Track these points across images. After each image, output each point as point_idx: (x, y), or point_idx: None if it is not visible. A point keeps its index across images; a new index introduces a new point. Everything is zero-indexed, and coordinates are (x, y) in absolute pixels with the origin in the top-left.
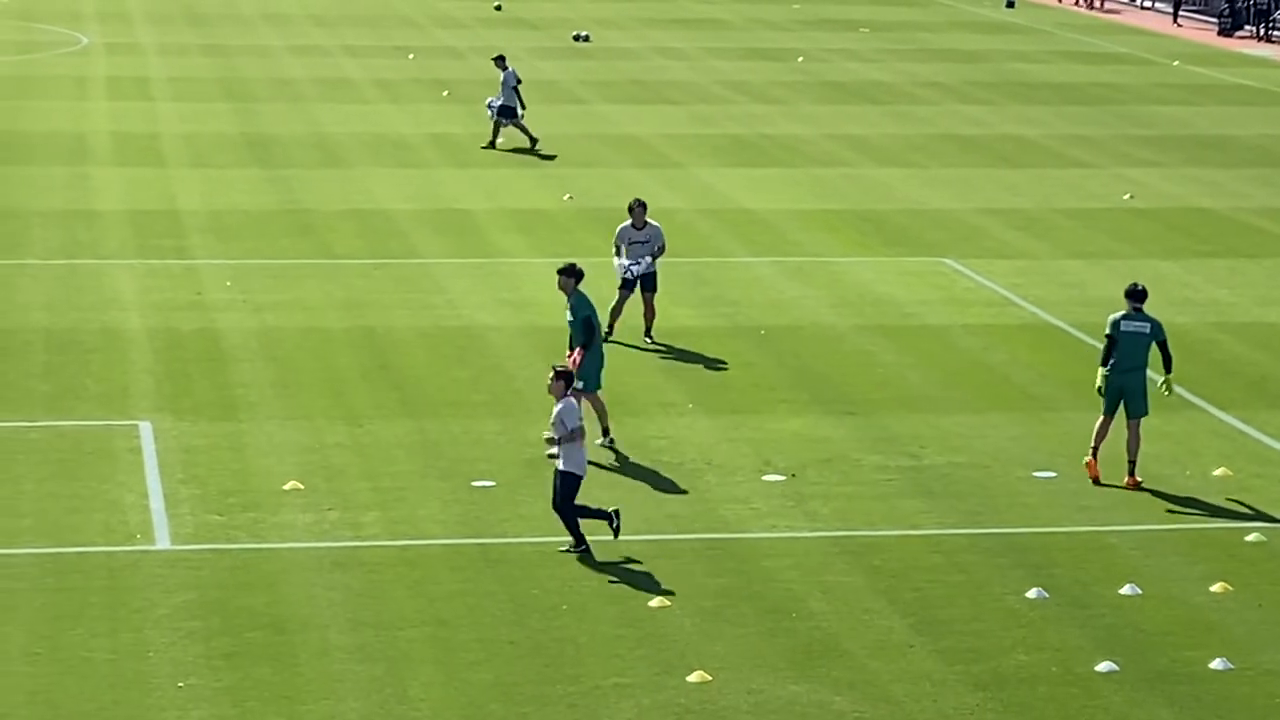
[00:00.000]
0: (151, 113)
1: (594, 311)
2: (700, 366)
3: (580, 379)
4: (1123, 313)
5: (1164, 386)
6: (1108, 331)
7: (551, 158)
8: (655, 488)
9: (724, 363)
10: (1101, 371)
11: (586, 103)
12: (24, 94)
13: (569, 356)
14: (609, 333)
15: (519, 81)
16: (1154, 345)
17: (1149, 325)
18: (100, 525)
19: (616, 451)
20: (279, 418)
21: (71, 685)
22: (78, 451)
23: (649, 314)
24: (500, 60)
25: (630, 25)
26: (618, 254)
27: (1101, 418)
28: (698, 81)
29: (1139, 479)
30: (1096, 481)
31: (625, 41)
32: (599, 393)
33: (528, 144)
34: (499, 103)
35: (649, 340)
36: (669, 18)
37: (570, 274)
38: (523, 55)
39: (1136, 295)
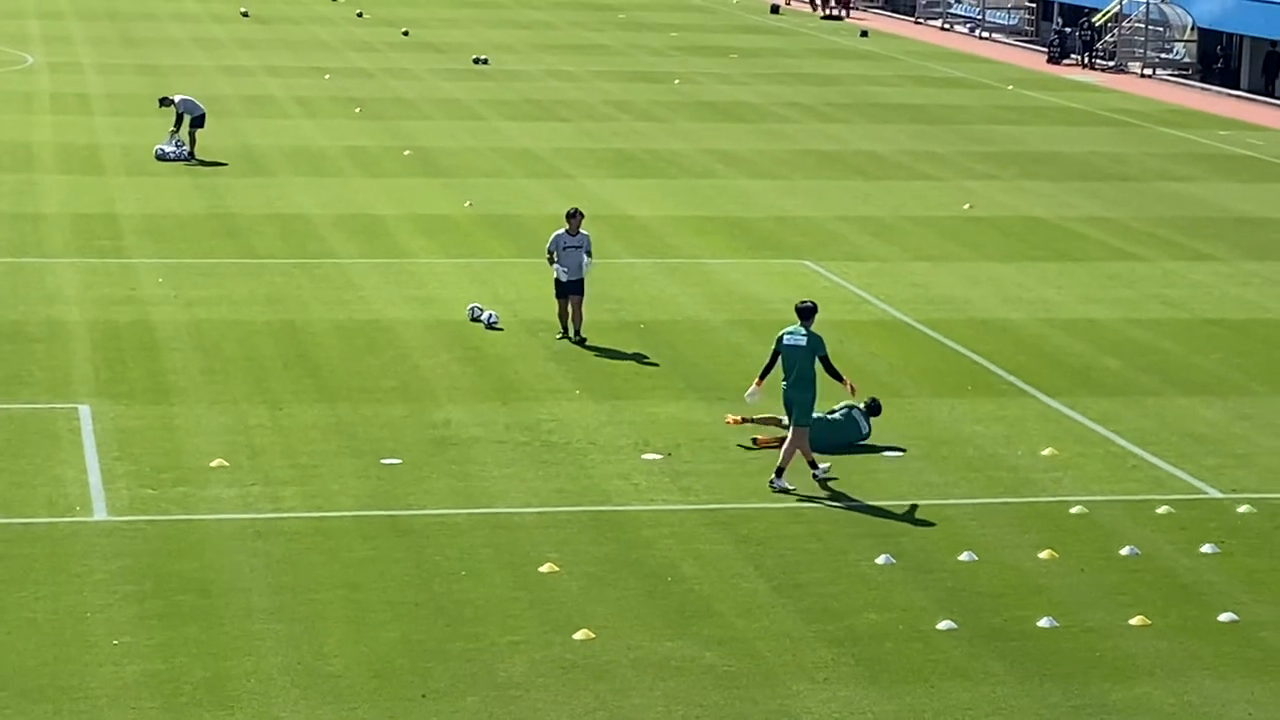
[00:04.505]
0: (91, 126)
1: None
2: (587, 356)
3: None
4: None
5: (857, 401)
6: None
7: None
8: (545, 465)
9: (609, 353)
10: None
11: (485, 119)
12: None
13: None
14: (562, 334)
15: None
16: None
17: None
18: (43, 498)
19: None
20: (206, 401)
21: (17, 643)
22: (23, 432)
23: (577, 317)
24: (166, 100)
25: (525, 50)
26: (551, 260)
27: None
28: (586, 101)
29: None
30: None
31: (520, 64)
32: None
33: (187, 156)
34: (194, 114)
35: (583, 340)
36: (560, 43)
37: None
38: (427, 76)
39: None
